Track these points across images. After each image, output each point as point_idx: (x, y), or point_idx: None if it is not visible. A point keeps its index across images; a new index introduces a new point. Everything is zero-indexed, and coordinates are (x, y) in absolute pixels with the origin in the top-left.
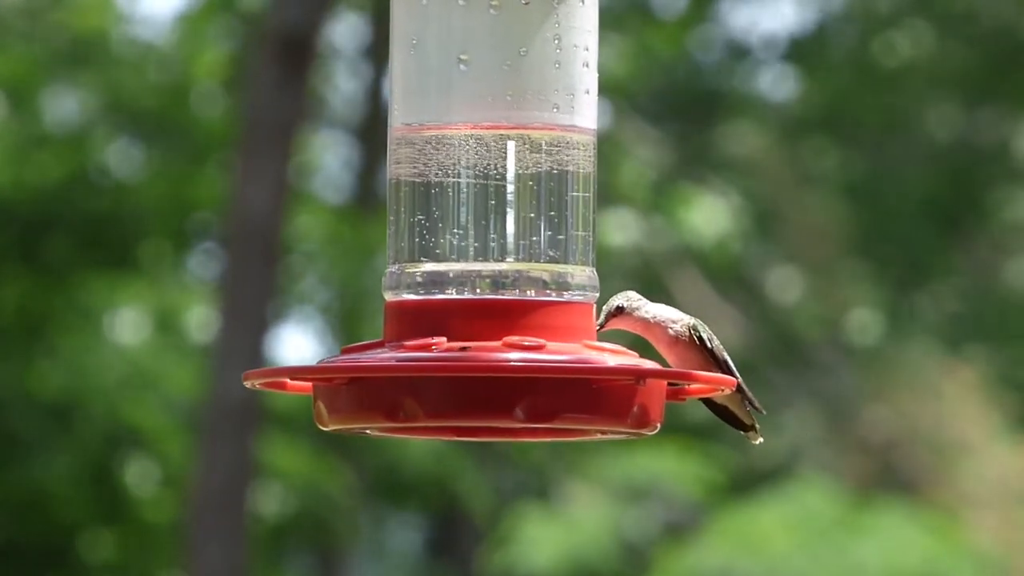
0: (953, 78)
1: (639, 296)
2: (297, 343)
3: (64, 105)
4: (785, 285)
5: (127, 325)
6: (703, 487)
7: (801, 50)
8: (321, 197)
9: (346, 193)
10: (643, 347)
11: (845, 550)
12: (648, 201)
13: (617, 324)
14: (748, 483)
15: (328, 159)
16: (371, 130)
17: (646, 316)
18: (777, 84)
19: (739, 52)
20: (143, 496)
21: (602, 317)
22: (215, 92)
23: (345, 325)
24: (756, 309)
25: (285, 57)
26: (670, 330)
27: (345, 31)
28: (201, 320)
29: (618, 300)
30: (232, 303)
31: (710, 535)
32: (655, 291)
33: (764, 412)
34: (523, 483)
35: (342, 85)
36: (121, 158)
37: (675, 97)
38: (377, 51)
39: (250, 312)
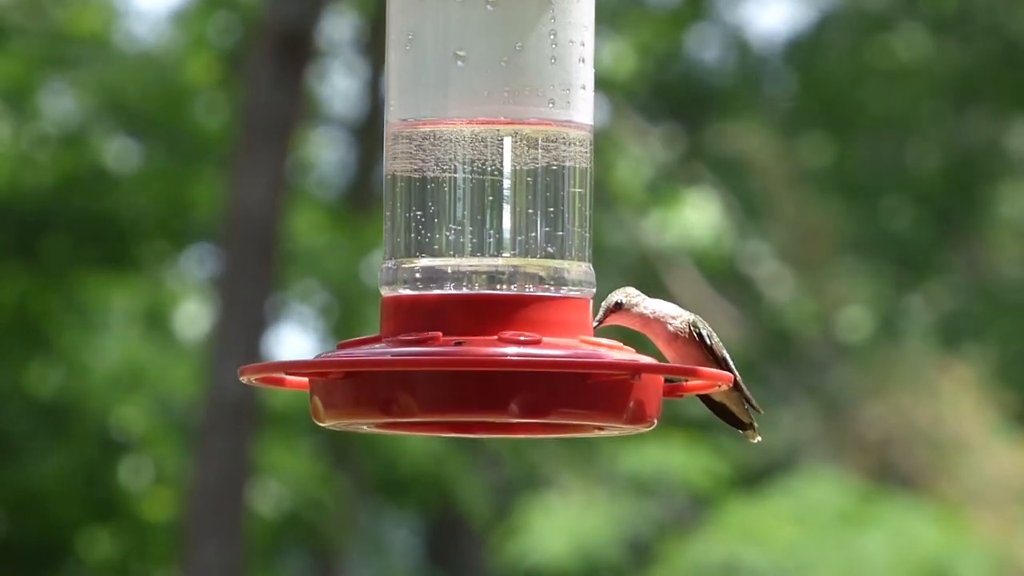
0: (947, 78)
1: (638, 292)
2: (294, 341)
3: (61, 104)
4: (781, 282)
5: (124, 324)
6: (710, 480)
7: (797, 49)
8: (318, 194)
9: (343, 190)
10: (640, 342)
11: (851, 543)
12: (644, 198)
13: (616, 320)
14: (753, 476)
15: (325, 156)
16: (369, 127)
17: (645, 312)
18: (773, 82)
19: (735, 49)
20: (139, 495)
21: (600, 313)
22: (212, 90)
23: (342, 322)
24: (752, 306)
25: (282, 54)
26: (669, 326)
27: (342, 28)
28: (198, 318)
29: (617, 296)
30: (229, 301)
31: (716, 528)
32: (652, 288)
33: (761, 411)
34: (520, 480)
35: (339, 82)
36: (118, 157)
37: (671, 94)
38: (374, 48)
39: (247, 310)
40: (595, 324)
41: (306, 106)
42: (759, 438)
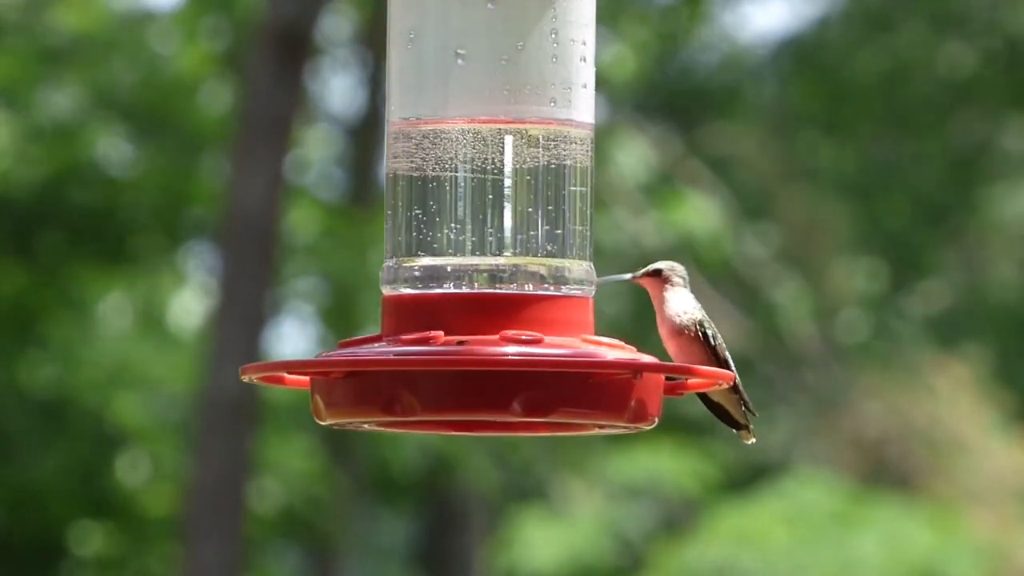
0: (945, 77)
1: (684, 274)
2: (293, 338)
3: (57, 100)
4: (778, 281)
5: (120, 319)
6: (700, 483)
7: (794, 48)
8: (317, 192)
9: (342, 188)
10: (640, 339)
11: (843, 544)
12: (642, 197)
13: (646, 283)
14: (745, 479)
15: (324, 154)
16: (367, 125)
17: (669, 295)
18: (770, 81)
19: (733, 48)
20: (137, 491)
21: (642, 271)
22: (210, 86)
23: (340, 320)
24: (750, 305)
25: (281, 52)
26: (678, 319)
27: (341, 26)
28: (196, 315)
29: (662, 264)
30: (227, 298)
31: (708, 531)
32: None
33: (757, 414)
34: (515, 483)
35: (338, 80)
36: (114, 152)
37: (669, 93)
38: (373, 46)
39: (245, 307)
40: (631, 277)
41: (305, 104)
42: (753, 439)
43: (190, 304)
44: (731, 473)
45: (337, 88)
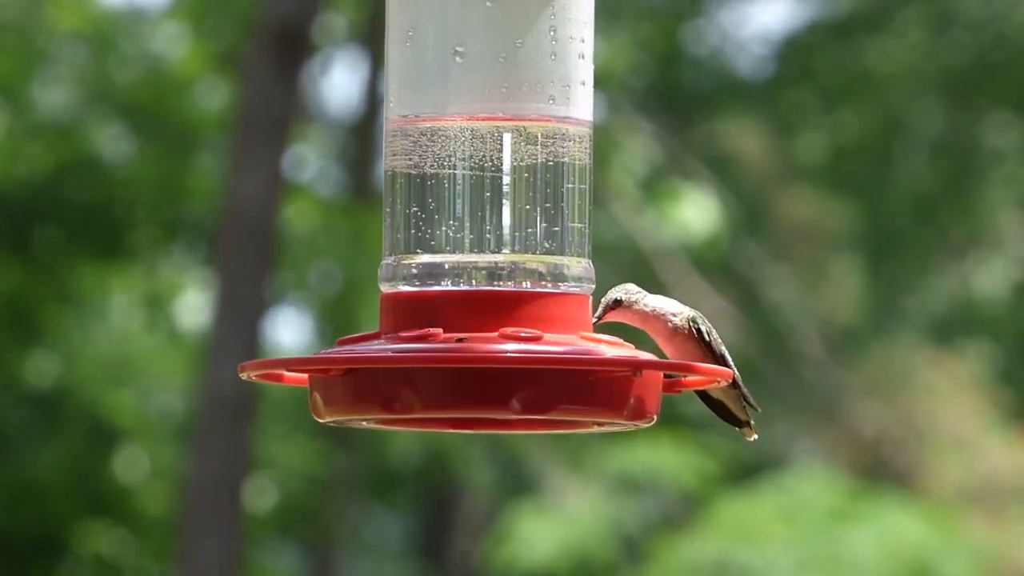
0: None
1: (638, 288)
2: (291, 334)
3: (54, 95)
4: (776, 279)
5: (119, 315)
6: (699, 478)
7: (792, 48)
8: (315, 189)
9: (340, 186)
10: (638, 338)
11: (841, 540)
12: (639, 195)
13: (615, 317)
14: (743, 474)
15: (322, 152)
16: (365, 123)
17: (645, 309)
18: (768, 79)
19: (731, 46)
20: (135, 488)
21: (600, 310)
22: (208, 83)
23: (338, 316)
24: (747, 303)
25: (280, 49)
26: (669, 323)
27: (340, 23)
28: (194, 311)
29: (616, 293)
30: (226, 294)
31: (706, 526)
32: (647, 285)
33: (759, 409)
34: (511, 478)
35: (336, 77)
36: (112, 148)
37: (665, 90)
38: (372, 44)
39: (244, 305)
40: (594, 320)
41: (303, 101)
42: (755, 436)
43: (189, 300)
44: (730, 468)
45: (335, 86)
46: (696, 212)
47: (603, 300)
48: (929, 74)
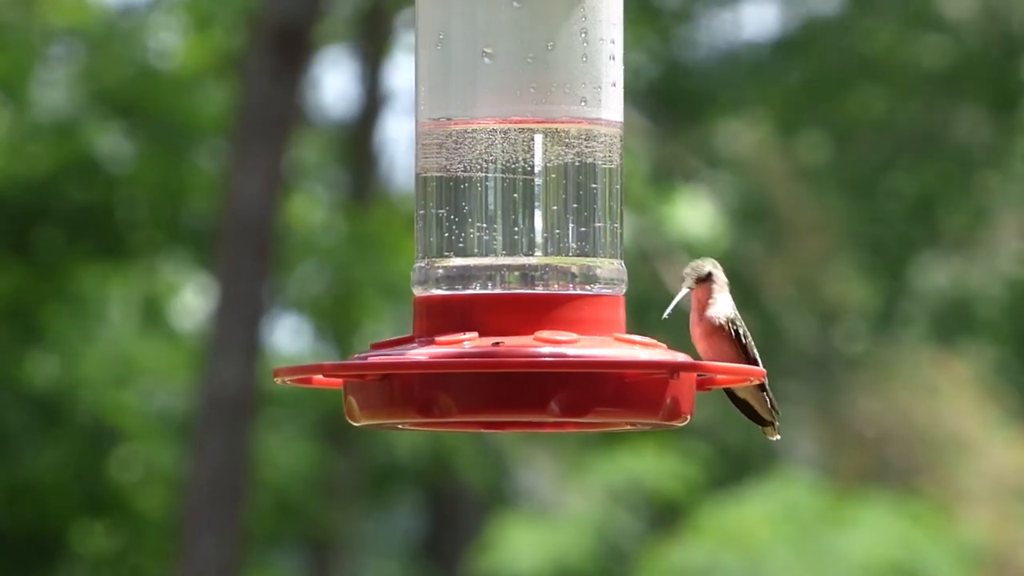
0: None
1: (723, 272)
2: (290, 334)
3: (54, 95)
4: (777, 279)
5: (118, 315)
6: (684, 484)
7: (790, 47)
8: (315, 190)
9: (339, 185)
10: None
11: (828, 543)
12: (641, 195)
13: (697, 289)
14: (730, 477)
15: (322, 151)
16: (365, 122)
17: (713, 298)
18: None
19: (730, 45)
20: (135, 488)
21: (689, 279)
22: (208, 82)
23: (338, 316)
24: (748, 303)
25: (280, 49)
26: (715, 321)
27: (340, 23)
28: (194, 311)
29: (709, 267)
30: (225, 294)
31: (693, 532)
32: (648, 285)
33: (779, 411)
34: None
35: (337, 78)
36: (112, 148)
37: (667, 90)
38: (372, 43)
39: (243, 303)
40: (687, 289)
41: (303, 101)
42: (778, 436)
43: (189, 300)
44: (723, 470)
45: (335, 85)
46: (696, 212)
47: (691, 267)
48: (929, 70)
